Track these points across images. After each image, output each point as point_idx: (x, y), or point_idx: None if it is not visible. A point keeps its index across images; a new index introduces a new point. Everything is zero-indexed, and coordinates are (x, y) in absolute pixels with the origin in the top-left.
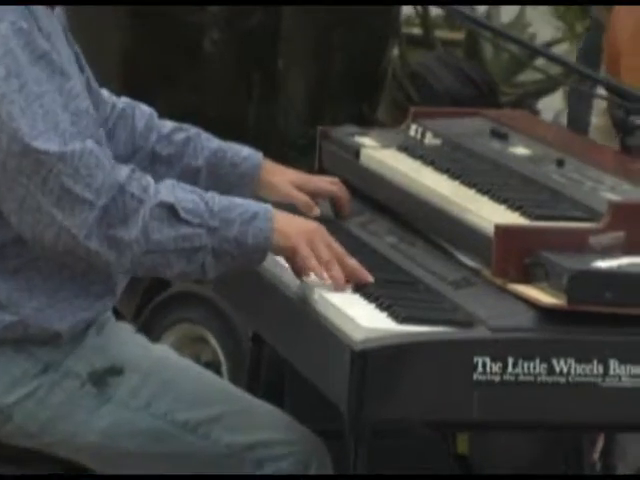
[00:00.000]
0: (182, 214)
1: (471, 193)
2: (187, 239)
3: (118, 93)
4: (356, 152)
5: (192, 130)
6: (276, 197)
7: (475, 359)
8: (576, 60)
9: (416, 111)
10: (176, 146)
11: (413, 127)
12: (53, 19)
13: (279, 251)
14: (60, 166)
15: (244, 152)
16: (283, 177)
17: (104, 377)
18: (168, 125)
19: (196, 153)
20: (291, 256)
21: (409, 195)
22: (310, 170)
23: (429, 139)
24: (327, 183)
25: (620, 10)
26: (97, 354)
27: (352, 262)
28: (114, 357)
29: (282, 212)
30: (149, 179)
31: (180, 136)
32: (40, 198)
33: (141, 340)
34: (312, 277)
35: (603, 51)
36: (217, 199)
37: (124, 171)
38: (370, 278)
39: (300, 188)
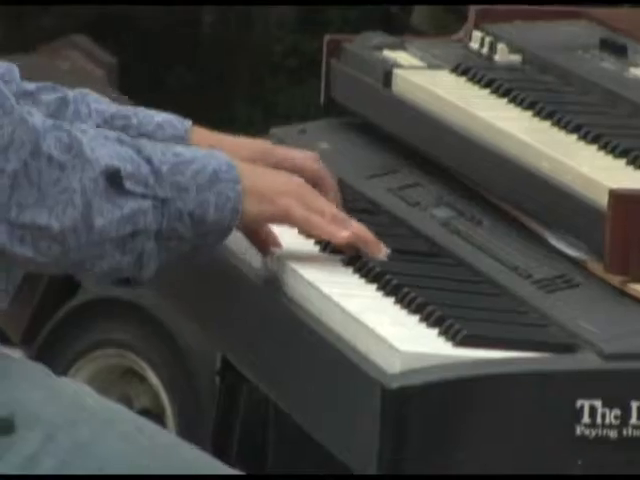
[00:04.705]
0: (127, 183)
1: (571, 140)
2: (129, 219)
3: None
4: (386, 75)
5: (72, 92)
6: None
7: (579, 403)
8: None
9: (480, 11)
10: (46, 108)
11: (476, 36)
12: None
13: (259, 221)
14: None
15: (159, 117)
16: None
17: None
18: (34, 84)
19: (78, 119)
20: (281, 223)
21: (471, 143)
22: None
23: (502, 55)
24: (301, 158)
25: None
26: None
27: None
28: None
29: (248, 164)
30: (70, 128)
31: (51, 96)
32: None
33: (42, 376)
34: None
35: None
36: (160, 152)
37: (37, 118)
38: (383, 249)
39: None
